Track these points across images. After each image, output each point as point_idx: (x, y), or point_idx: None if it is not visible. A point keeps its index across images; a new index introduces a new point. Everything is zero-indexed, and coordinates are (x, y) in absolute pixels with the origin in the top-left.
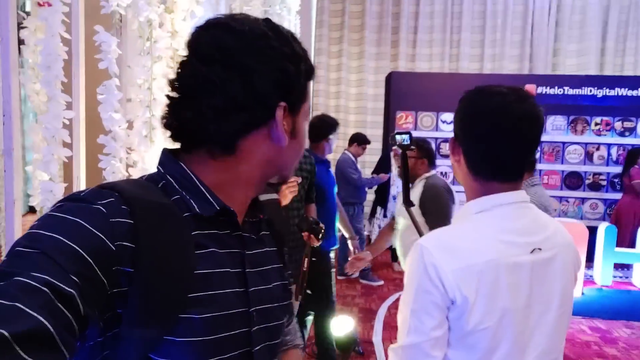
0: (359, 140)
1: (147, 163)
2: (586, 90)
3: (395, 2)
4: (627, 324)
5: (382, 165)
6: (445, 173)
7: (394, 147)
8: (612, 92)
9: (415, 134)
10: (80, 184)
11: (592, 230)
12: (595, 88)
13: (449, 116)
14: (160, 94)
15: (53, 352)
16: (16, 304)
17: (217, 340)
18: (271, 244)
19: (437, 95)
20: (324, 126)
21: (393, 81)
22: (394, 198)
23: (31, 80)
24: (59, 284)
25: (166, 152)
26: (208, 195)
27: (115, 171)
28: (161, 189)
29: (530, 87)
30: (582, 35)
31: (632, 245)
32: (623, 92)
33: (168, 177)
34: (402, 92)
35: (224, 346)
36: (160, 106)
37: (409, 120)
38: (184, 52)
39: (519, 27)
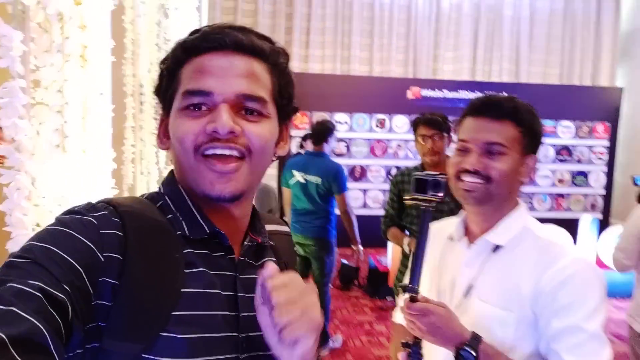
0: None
1: (59, 175)
2: (462, 94)
3: (287, 2)
4: None
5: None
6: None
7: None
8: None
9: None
10: None
11: None
12: (469, 91)
13: (342, 116)
14: (74, 98)
15: (45, 355)
16: (11, 308)
17: None
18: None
19: (331, 95)
20: (325, 130)
21: None
22: None
23: None
24: (52, 290)
25: (170, 173)
26: (199, 218)
27: (20, 187)
28: (159, 208)
29: (415, 90)
30: (457, 44)
31: None
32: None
33: (165, 197)
34: (296, 92)
35: None
36: (74, 111)
37: (304, 120)
38: (95, 48)
39: (403, 33)
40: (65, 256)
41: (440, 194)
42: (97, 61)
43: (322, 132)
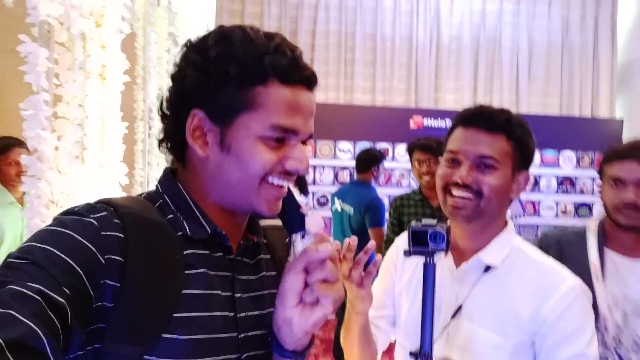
0: None
1: (78, 186)
2: None
3: (292, 33)
4: None
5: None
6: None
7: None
8: None
9: (313, 162)
10: None
11: None
12: None
13: (345, 144)
14: (94, 112)
15: (42, 359)
16: (10, 311)
17: None
18: (270, 268)
19: (335, 124)
20: (369, 159)
21: None
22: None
23: None
24: (51, 293)
25: (166, 172)
26: (201, 218)
27: (40, 195)
28: (157, 208)
29: (417, 120)
30: (458, 74)
31: None
32: None
33: (165, 196)
34: None
35: None
36: (94, 125)
37: (307, 148)
38: (112, 68)
39: (405, 63)
40: (66, 258)
41: (443, 247)
42: (114, 80)
43: (365, 161)
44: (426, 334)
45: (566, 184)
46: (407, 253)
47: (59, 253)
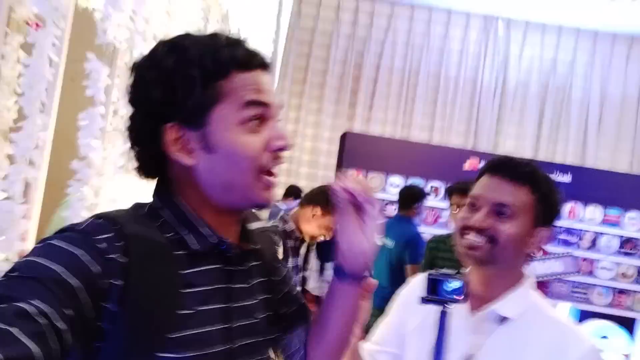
0: (293, 194)
1: (118, 193)
2: None
3: (356, 65)
4: None
5: None
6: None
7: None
8: None
9: None
10: (37, 208)
11: None
12: None
13: (396, 179)
14: None
15: None
16: (10, 328)
17: None
18: (259, 274)
19: (388, 158)
20: (412, 194)
21: (347, 140)
22: None
23: (5, 96)
24: (54, 314)
25: (161, 184)
26: (205, 230)
27: (82, 198)
28: (159, 225)
29: (474, 161)
30: (521, 120)
31: None
32: (555, 177)
33: (167, 210)
34: (355, 151)
35: None
36: None
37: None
38: None
39: (467, 104)
40: (70, 279)
41: (459, 298)
42: None
43: (408, 197)
44: None
45: (628, 247)
46: (424, 300)
47: (63, 273)
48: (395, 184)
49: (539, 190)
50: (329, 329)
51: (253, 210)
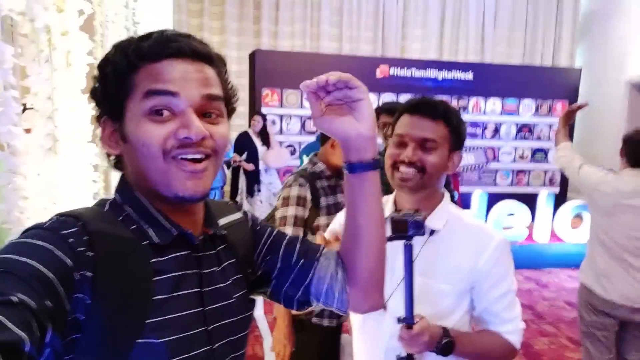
0: None
1: (52, 177)
2: (430, 73)
3: None
4: None
5: (244, 144)
6: None
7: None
8: (449, 75)
9: (280, 111)
10: None
11: None
12: (437, 70)
13: None
14: (63, 104)
15: None
16: None
17: None
18: (229, 256)
19: (301, 73)
20: None
21: (257, 59)
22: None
23: None
24: (35, 306)
25: (122, 179)
26: (164, 223)
27: (16, 188)
28: (122, 220)
29: (384, 69)
30: (425, 22)
31: None
32: (457, 75)
33: (127, 206)
34: (267, 69)
35: None
36: (64, 116)
37: (274, 97)
38: (76, 51)
39: (372, 11)
40: (46, 272)
41: (421, 232)
42: (78, 63)
43: None
44: (409, 305)
45: (525, 131)
46: (390, 238)
47: (39, 267)
48: None
49: (451, 123)
50: (364, 227)
51: (228, 203)
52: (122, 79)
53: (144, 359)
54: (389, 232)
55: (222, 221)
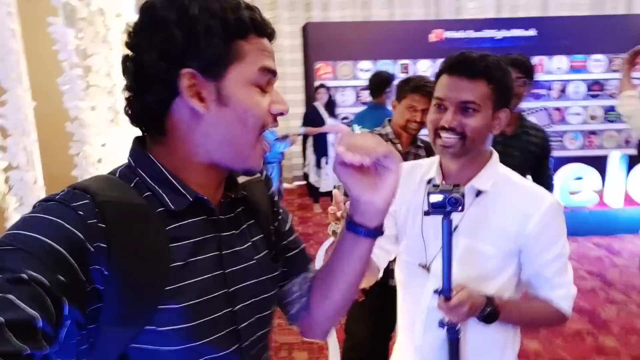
0: None
1: (116, 145)
2: (487, 33)
3: None
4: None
5: (313, 117)
6: None
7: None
8: (509, 34)
9: (334, 83)
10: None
11: None
12: (495, 30)
13: (366, 64)
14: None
15: (38, 340)
16: (8, 295)
17: (200, 325)
18: (249, 218)
19: (354, 44)
20: (380, 82)
21: (310, 32)
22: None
23: None
24: (46, 281)
25: (135, 143)
26: (180, 188)
27: (86, 156)
28: (134, 186)
29: (437, 32)
30: None
31: None
32: (518, 32)
33: (140, 171)
34: (319, 42)
35: (208, 329)
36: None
37: (327, 69)
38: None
39: None
40: (57, 246)
41: (459, 209)
42: None
43: (378, 84)
44: (446, 277)
45: (595, 88)
46: (427, 212)
47: (50, 242)
48: (365, 68)
49: (493, 80)
50: (336, 283)
51: None
52: (231, 39)
53: (166, 323)
54: (426, 207)
55: (241, 179)
